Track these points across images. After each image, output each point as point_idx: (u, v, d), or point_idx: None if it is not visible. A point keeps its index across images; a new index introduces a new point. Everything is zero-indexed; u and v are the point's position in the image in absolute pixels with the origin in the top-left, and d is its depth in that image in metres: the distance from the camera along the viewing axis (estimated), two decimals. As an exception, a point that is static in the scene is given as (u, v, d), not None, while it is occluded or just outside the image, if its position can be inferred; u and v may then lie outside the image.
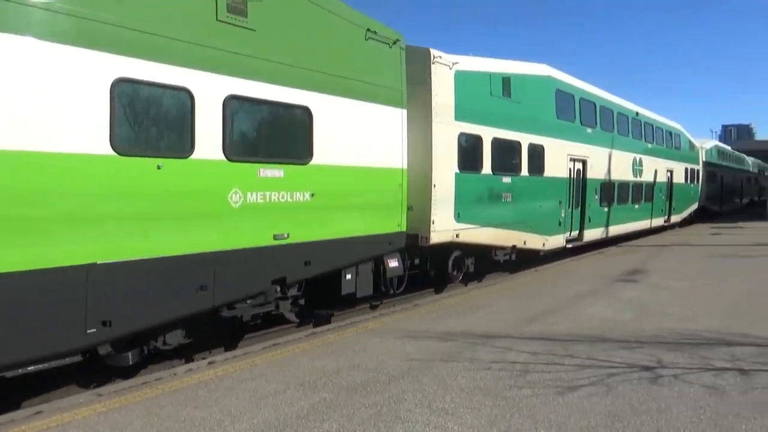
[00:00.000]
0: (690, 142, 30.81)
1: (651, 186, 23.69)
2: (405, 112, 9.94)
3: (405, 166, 9.97)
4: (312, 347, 7.66)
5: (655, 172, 24.12)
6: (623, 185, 20.72)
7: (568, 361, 6.83)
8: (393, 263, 10.34)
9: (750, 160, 52.62)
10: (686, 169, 29.54)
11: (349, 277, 9.38)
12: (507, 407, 5.47)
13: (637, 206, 22.42)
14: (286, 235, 7.86)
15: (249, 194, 7.32)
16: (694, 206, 32.02)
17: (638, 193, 22.41)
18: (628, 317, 9.24)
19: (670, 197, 26.73)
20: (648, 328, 8.52)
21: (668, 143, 26.44)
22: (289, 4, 7.96)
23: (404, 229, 10.10)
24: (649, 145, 23.64)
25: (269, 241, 7.65)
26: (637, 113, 22.38)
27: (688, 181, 30.11)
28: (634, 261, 16.31)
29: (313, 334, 8.50)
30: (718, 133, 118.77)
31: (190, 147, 6.65)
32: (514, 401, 5.61)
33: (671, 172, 26.50)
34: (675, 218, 28.08)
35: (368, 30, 9.32)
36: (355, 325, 8.97)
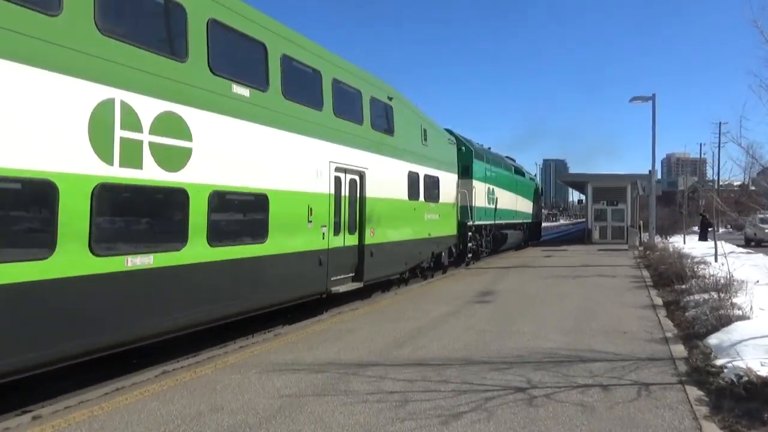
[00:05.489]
0: (537, 184, 44.17)
1: (522, 214, 34.58)
2: (456, 176, 20.59)
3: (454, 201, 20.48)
4: (164, 389, 6.69)
5: (523, 204, 34.93)
6: (513, 213, 32.10)
7: (444, 387, 6.69)
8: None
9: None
10: (537, 203, 41.34)
11: (443, 254, 19.28)
12: (392, 443, 5.13)
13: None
14: (430, 234, 17.46)
15: (426, 214, 17.14)
16: (541, 228, 45.61)
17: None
18: (489, 337, 9.47)
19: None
20: (508, 347, 8.78)
21: (528, 186, 37.54)
22: (438, 136, 19.09)
23: (455, 232, 20.29)
24: (520, 188, 34.58)
25: (428, 236, 17.28)
26: (514, 169, 33.92)
27: (538, 211, 42.79)
28: (483, 282, 17.16)
29: (164, 373, 7.48)
30: (540, 166, 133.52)
31: (418, 196, 16.62)
32: (398, 435, 5.29)
33: (530, 205, 37.64)
34: (535, 233, 40.51)
35: (448, 139, 20.47)
36: (213, 360, 8.09)
